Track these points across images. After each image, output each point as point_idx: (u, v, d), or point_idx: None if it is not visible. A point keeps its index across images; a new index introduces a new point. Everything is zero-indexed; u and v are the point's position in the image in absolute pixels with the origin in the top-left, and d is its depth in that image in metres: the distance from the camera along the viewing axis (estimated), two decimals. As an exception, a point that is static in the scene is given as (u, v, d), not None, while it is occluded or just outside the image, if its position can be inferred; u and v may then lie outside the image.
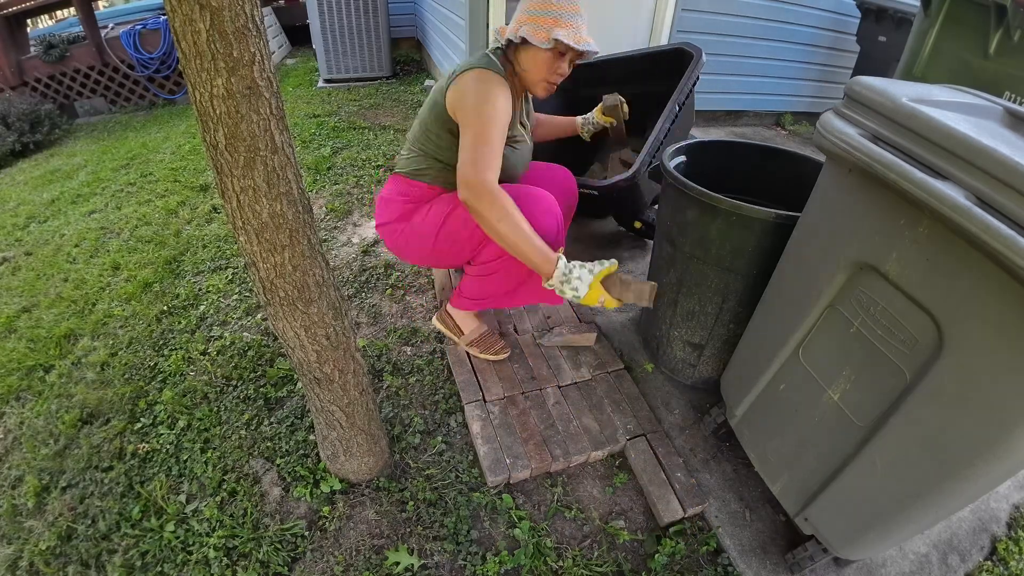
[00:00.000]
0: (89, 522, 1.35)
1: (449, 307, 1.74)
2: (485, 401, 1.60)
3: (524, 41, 1.33)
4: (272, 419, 1.59)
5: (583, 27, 1.32)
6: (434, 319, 1.82)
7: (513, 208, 1.19)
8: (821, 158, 1.09)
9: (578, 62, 1.42)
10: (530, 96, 1.63)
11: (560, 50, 1.32)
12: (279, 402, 1.65)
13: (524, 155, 1.54)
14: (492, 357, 1.71)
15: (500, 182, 1.27)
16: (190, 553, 1.27)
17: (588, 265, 1.22)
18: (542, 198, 1.41)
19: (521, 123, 1.52)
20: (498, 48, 1.41)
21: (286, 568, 1.25)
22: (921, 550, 1.33)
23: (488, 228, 1.21)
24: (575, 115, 1.87)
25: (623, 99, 1.79)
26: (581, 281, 1.20)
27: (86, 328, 1.99)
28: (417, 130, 1.47)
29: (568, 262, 1.22)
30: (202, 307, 2.05)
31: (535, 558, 1.27)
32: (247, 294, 2.10)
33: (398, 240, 1.52)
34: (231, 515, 1.35)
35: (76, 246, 2.54)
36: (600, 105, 1.81)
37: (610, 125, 1.82)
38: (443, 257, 1.52)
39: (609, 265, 1.23)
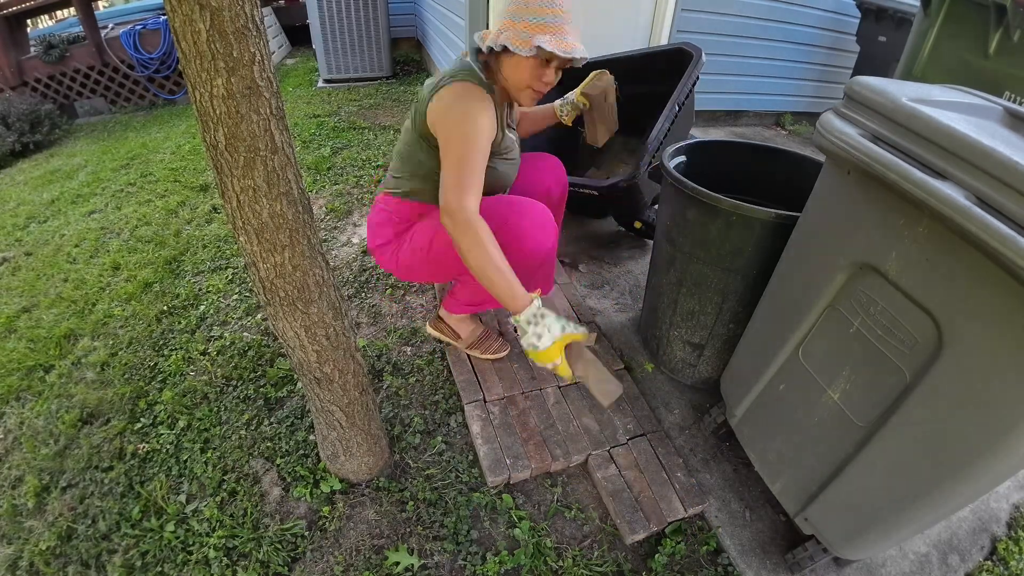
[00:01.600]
0: (89, 522, 1.35)
1: (442, 312, 1.73)
2: (485, 401, 1.60)
3: (506, 49, 1.23)
4: (272, 419, 1.59)
5: (570, 32, 1.22)
6: (428, 327, 1.81)
7: (486, 239, 1.11)
8: (821, 158, 1.09)
9: (568, 67, 1.31)
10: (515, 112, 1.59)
11: (544, 57, 1.22)
12: (279, 402, 1.65)
13: (515, 164, 1.48)
14: (492, 356, 1.71)
15: (492, 193, 1.23)
16: (190, 553, 1.27)
17: (563, 321, 1.11)
18: (534, 213, 1.36)
19: (508, 128, 1.43)
20: (479, 53, 1.31)
21: (286, 568, 1.25)
22: (921, 550, 1.33)
23: (461, 256, 1.14)
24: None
25: (611, 82, 1.64)
26: (548, 332, 1.08)
27: (86, 328, 1.99)
28: (401, 145, 1.42)
29: (542, 307, 1.11)
30: (202, 307, 2.05)
31: (535, 558, 1.27)
32: (247, 294, 2.10)
33: (391, 261, 1.50)
34: (231, 515, 1.35)
35: (76, 246, 2.54)
36: (585, 83, 1.64)
37: (584, 106, 1.65)
38: (436, 275, 1.51)
39: (582, 332, 1.12)
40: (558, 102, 1.71)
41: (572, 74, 1.51)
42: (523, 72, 1.25)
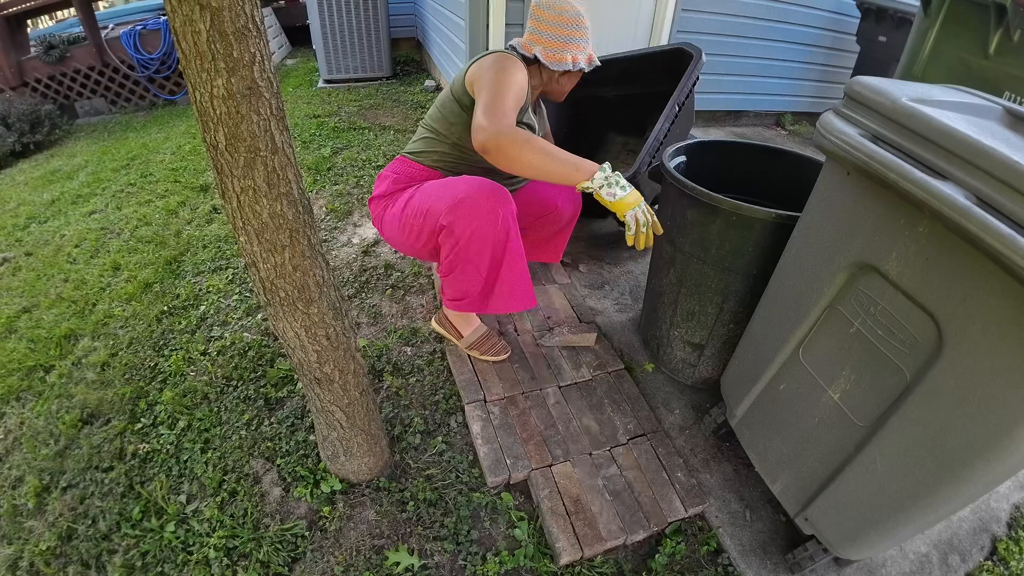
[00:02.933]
0: (89, 522, 1.35)
1: (445, 309, 1.74)
2: (485, 401, 1.60)
3: (536, 59, 1.45)
4: (272, 419, 1.59)
5: (590, 43, 1.48)
6: (432, 322, 1.82)
7: (527, 137, 1.19)
8: (821, 158, 1.09)
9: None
10: (542, 104, 1.70)
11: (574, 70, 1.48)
12: (279, 402, 1.65)
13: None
14: (492, 358, 1.71)
15: (502, 176, 1.42)
16: (190, 553, 1.27)
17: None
18: (488, 187, 1.37)
19: (533, 112, 1.58)
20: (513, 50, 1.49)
21: (286, 568, 1.25)
22: (921, 550, 1.33)
23: (513, 164, 1.20)
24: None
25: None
26: (622, 182, 1.20)
27: (86, 328, 1.99)
28: (433, 109, 1.54)
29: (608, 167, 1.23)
30: (202, 307, 2.05)
31: (535, 558, 1.27)
32: (247, 294, 2.10)
33: (379, 218, 1.57)
34: (231, 515, 1.35)
35: (76, 246, 2.54)
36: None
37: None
38: (410, 245, 1.51)
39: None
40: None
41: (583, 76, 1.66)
42: (563, 81, 1.54)
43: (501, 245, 1.42)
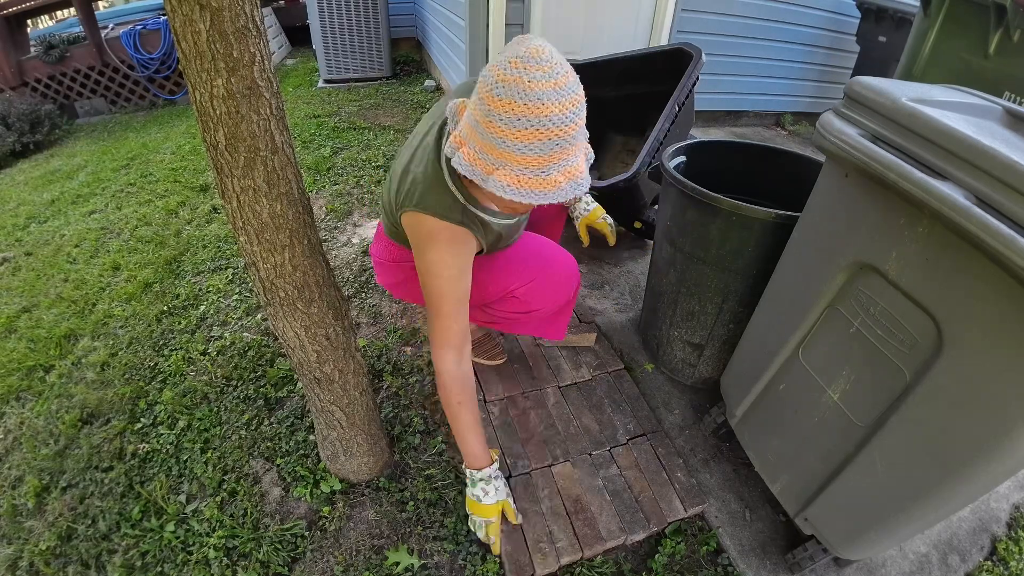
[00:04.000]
0: (89, 522, 1.35)
1: None
2: (485, 401, 1.60)
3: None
4: (272, 419, 1.59)
5: (563, 156, 0.84)
6: None
7: (456, 401, 1.16)
8: (821, 158, 1.09)
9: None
10: None
11: None
12: (279, 402, 1.65)
13: (518, 231, 1.31)
14: (486, 362, 1.70)
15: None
16: (190, 553, 1.27)
17: (508, 489, 1.27)
18: (561, 265, 1.37)
19: (505, 217, 1.16)
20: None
21: (286, 568, 1.25)
22: (921, 550, 1.33)
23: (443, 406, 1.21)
24: None
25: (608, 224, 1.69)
26: (496, 492, 1.22)
27: (86, 328, 1.99)
28: (385, 196, 1.22)
29: (497, 471, 1.25)
30: (202, 307, 2.05)
31: (535, 558, 1.27)
32: (247, 294, 2.10)
33: (412, 293, 1.44)
34: (231, 515, 1.35)
35: (76, 246, 2.54)
36: (589, 217, 1.69)
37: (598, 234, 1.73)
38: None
39: (514, 511, 1.27)
40: (572, 211, 1.73)
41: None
42: (488, 196, 0.99)
43: (568, 306, 1.49)
